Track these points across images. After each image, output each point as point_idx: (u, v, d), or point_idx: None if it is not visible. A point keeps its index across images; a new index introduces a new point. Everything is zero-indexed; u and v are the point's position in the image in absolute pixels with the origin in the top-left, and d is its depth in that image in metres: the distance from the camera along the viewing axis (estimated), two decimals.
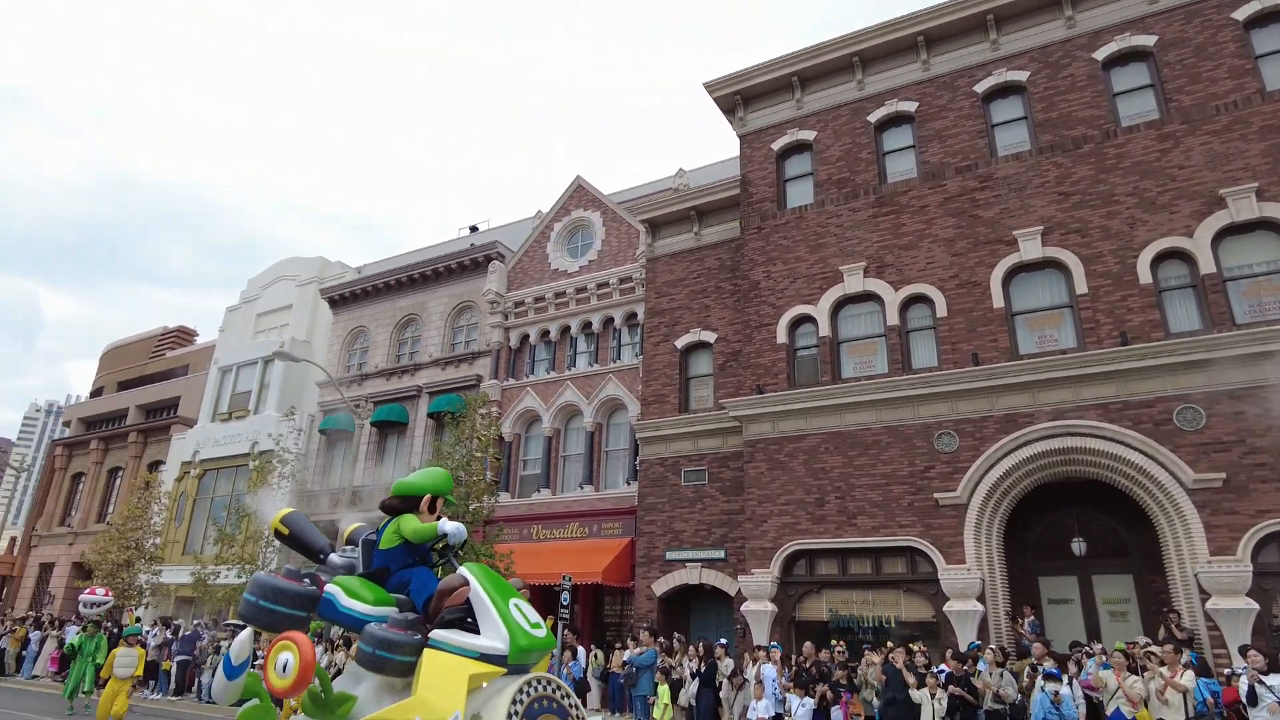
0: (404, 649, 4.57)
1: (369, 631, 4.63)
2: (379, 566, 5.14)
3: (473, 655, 4.55)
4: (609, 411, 22.34)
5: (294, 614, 4.75)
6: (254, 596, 4.74)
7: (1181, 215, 14.75)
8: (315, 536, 5.46)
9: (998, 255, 16.12)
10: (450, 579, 4.77)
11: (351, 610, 4.87)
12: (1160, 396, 13.90)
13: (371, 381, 27.70)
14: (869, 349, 17.17)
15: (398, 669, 4.60)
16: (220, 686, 4.77)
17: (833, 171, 18.79)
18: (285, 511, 5.49)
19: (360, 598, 4.90)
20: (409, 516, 5.08)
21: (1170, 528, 13.37)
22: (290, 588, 4.77)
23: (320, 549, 5.40)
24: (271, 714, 4.90)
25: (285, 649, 4.42)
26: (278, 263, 34.51)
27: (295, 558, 25.20)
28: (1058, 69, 16.83)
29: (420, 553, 5.22)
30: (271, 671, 4.41)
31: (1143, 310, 14.53)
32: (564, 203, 25.46)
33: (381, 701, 4.71)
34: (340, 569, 5.28)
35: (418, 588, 4.98)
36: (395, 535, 5.09)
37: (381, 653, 4.54)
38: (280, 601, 4.72)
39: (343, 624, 4.94)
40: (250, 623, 4.81)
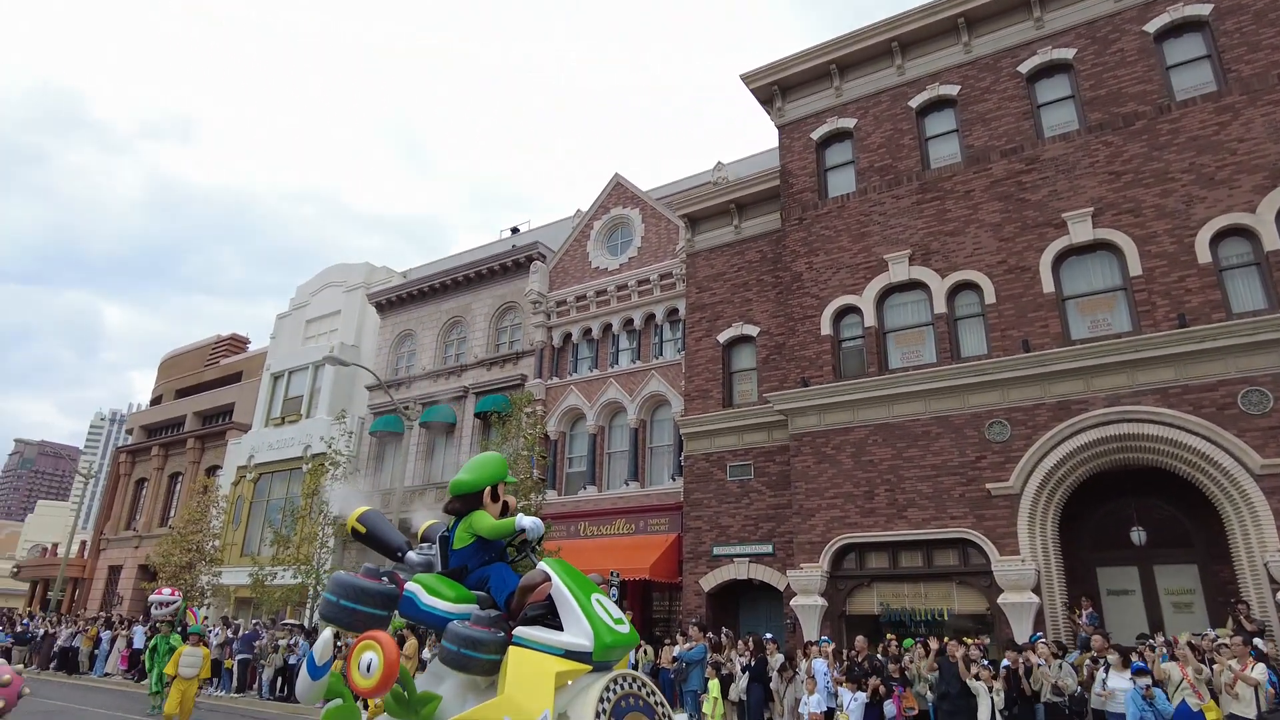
0: (489, 647, 4.47)
1: (453, 630, 4.52)
2: (457, 565, 5.06)
3: (557, 652, 4.44)
4: (652, 408, 22.35)
5: (375, 613, 4.68)
6: (335, 596, 4.68)
7: (1242, 190, 14.20)
8: (393, 534, 5.35)
9: (1046, 239, 15.70)
10: (532, 575, 4.66)
11: (433, 608, 4.76)
12: (1223, 379, 13.40)
13: (419, 383, 28.12)
14: (916, 338, 16.88)
15: (483, 668, 4.49)
16: (304, 686, 4.71)
17: (874, 159, 18.51)
18: (362, 510, 5.40)
19: (442, 595, 4.80)
20: (479, 514, 4.96)
21: (1237, 515, 12.89)
22: (371, 586, 4.70)
23: (398, 547, 5.32)
24: (356, 713, 4.84)
25: (369, 648, 4.36)
26: (325, 269, 35.23)
27: (351, 558, 25.71)
28: (1106, 44, 16.32)
29: (496, 548, 5.11)
30: (355, 671, 4.37)
31: (1202, 290, 14.02)
32: (603, 201, 25.53)
33: (466, 701, 4.62)
34: (418, 566, 5.20)
35: (497, 584, 4.89)
36: (468, 534, 5.00)
37: (466, 651, 4.44)
38: (361, 600, 4.65)
39: (424, 623, 4.83)
40: (331, 622, 4.74)
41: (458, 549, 5.06)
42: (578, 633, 4.50)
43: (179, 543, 28.05)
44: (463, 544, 5.03)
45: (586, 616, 4.54)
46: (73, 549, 42.95)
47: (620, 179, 25.46)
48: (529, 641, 4.48)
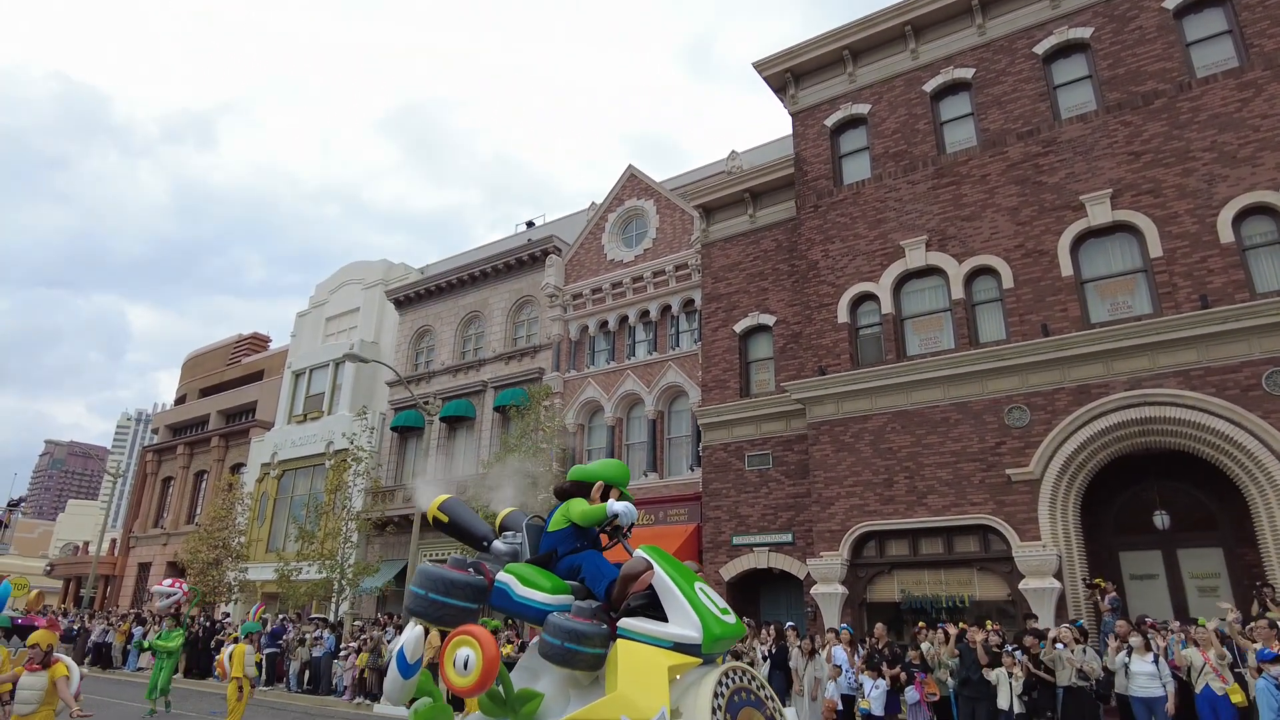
0: (594, 640, 4.22)
1: (554, 623, 4.26)
2: (547, 550, 4.91)
3: (666, 645, 4.19)
4: (670, 399, 22.38)
5: (466, 607, 4.43)
6: (423, 590, 4.44)
7: (1266, 168, 13.96)
8: (477, 522, 5.15)
9: (1065, 222, 15.54)
10: (634, 563, 4.44)
11: (529, 600, 4.52)
12: (1247, 360, 13.23)
13: (438, 379, 28.32)
14: (934, 324, 16.77)
15: (587, 662, 4.21)
16: (395, 685, 4.49)
17: (889, 144, 18.38)
18: (443, 498, 5.18)
19: (537, 586, 4.56)
20: (578, 500, 4.86)
21: (1263, 497, 12.73)
22: (461, 579, 4.45)
23: (483, 536, 5.10)
24: (448, 713, 4.64)
25: (464, 644, 4.13)
26: (343, 267, 35.53)
27: (375, 553, 25.95)
28: (1124, 22, 16.09)
29: (589, 537, 4.96)
30: (450, 669, 4.13)
31: (1224, 271, 13.83)
32: (617, 192, 25.53)
33: (568, 699, 4.37)
34: (505, 556, 5.00)
35: (592, 573, 4.68)
36: (564, 518, 4.87)
37: (571, 645, 4.17)
38: (451, 594, 4.40)
39: (519, 615, 4.59)
40: (420, 618, 4.51)
41: (552, 531, 4.94)
42: (685, 624, 4.26)
43: (206, 539, 28.49)
44: (558, 526, 4.91)
45: (693, 607, 4.31)
46: (103, 547, 43.74)
47: (634, 170, 25.45)
48: (636, 634, 4.24)
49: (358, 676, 18.84)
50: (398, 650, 4.52)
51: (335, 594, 23.78)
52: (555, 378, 24.31)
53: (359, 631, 20.24)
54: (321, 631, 20.85)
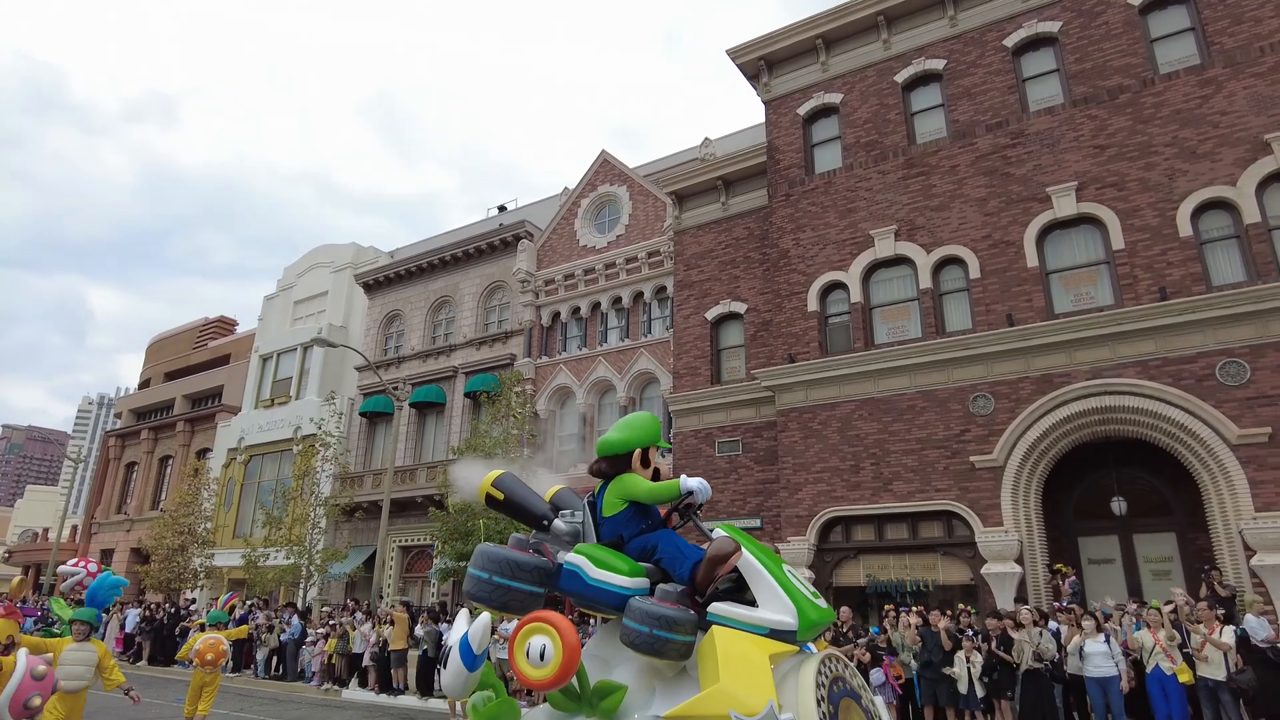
0: (685, 627, 3.84)
1: (641, 608, 3.86)
2: (611, 536, 4.46)
3: (762, 632, 3.87)
4: (641, 385, 22.44)
5: (533, 591, 4.08)
6: (486, 573, 4.05)
7: (1224, 164, 14.30)
8: (536, 500, 4.68)
9: (1031, 213, 15.79)
10: (723, 543, 4.05)
11: (606, 583, 4.11)
12: (1202, 352, 13.58)
13: (408, 364, 28.11)
14: (902, 313, 16.99)
15: (678, 651, 3.83)
16: (456, 678, 4.10)
17: (860, 134, 18.51)
18: (496, 473, 4.69)
19: (614, 568, 4.15)
20: (630, 476, 4.39)
21: (1214, 484, 13.12)
22: (529, 560, 4.09)
23: (543, 514, 4.62)
24: (514, 707, 4.25)
25: (539, 632, 3.76)
26: (312, 250, 35.05)
27: (344, 539, 25.78)
28: (1091, 17, 16.32)
29: (654, 515, 4.54)
30: (522, 660, 3.77)
31: (1183, 264, 14.16)
32: (590, 178, 25.44)
33: (651, 690, 3.99)
34: (566, 536, 4.55)
35: (671, 554, 4.27)
36: (619, 500, 4.42)
37: (661, 633, 3.78)
38: (518, 577, 4.04)
39: (593, 601, 4.20)
40: (482, 603, 4.13)
41: (609, 516, 4.47)
42: (779, 608, 3.95)
43: (170, 526, 28.11)
44: (614, 510, 4.46)
45: (786, 590, 4.00)
46: (64, 534, 42.91)
47: (607, 156, 25.37)
48: (729, 620, 3.92)
49: (326, 662, 18.77)
50: (461, 640, 4.13)
51: (303, 580, 23.62)
52: (527, 364, 24.26)
53: (327, 618, 20.14)
54: (290, 616, 20.71)
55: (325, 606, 22.90)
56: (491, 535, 17.37)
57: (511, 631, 3.91)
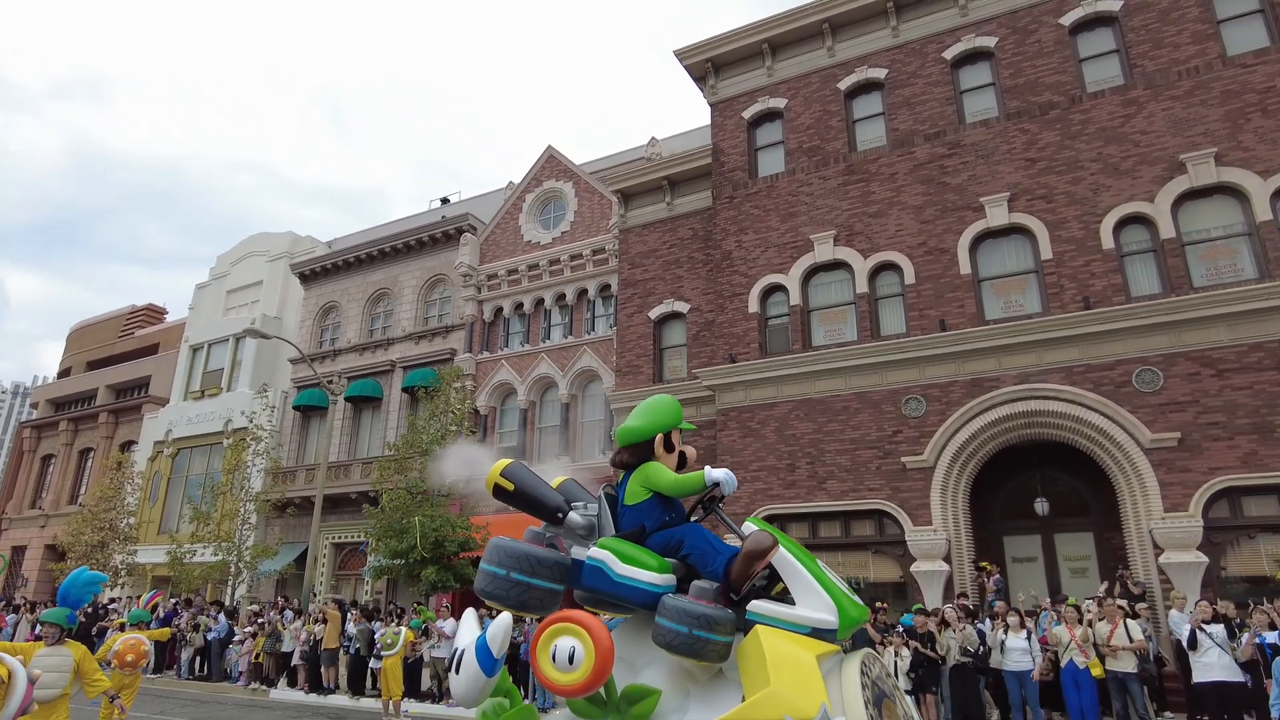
0: (725, 627, 3.61)
1: (678, 606, 3.63)
2: (631, 526, 4.22)
3: (804, 631, 3.67)
4: (584, 383, 22.41)
5: (554, 588, 3.85)
6: (503, 569, 3.80)
7: (1144, 181, 14.96)
8: (549, 492, 4.37)
9: (965, 222, 16.27)
10: (760, 538, 3.83)
11: (634, 580, 3.84)
12: (1120, 359, 14.20)
13: (344, 357, 27.53)
14: (839, 317, 17.33)
15: (718, 652, 3.62)
16: (473, 684, 3.77)
17: (803, 140, 18.81)
18: (505, 463, 4.36)
19: (642, 564, 3.90)
20: (655, 465, 4.18)
21: (1128, 486, 13.73)
22: (549, 556, 3.87)
23: (557, 507, 4.30)
24: (532, 714, 4.00)
25: (567, 633, 3.51)
26: (248, 238, 34.03)
27: (274, 534, 25.09)
28: (1026, 34, 16.89)
29: (677, 508, 4.32)
30: (547, 664, 3.51)
31: (1105, 275, 14.77)
32: (535, 173, 25.29)
33: (685, 694, 3.76)
34: (582, 530, 4.28)
35: (701, 549, 4.04)
36: (642, 489, 4.18)
37: (701, 633, 3.54)
38: (538, 574, 3.80)
39: (618, 598, 3.92)
40: (498, 601, 3.86)
41: (631, 505, 4.24)
42: (819, 606, 3.76)
43: (90, 521, 26.98)
44: (636, 500, 4.22)
45: (824, 587, 3.82)
46: None
47: (554, 151, 25.25)
48: (770, 619, 3.70)
49: (253, 662, 18.28)
50: (478, 642, 3.80)
51: (232, 577, 22.95)
52: (467, 359, 23.99)
53: (256, 616, 19.61)
54: (217, 614, 20.10)
55: (254, 605, 22.29)
56: (426, 533, 17.17)
57: (535, 633, 3.62)
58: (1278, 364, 13.11)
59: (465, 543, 17.96)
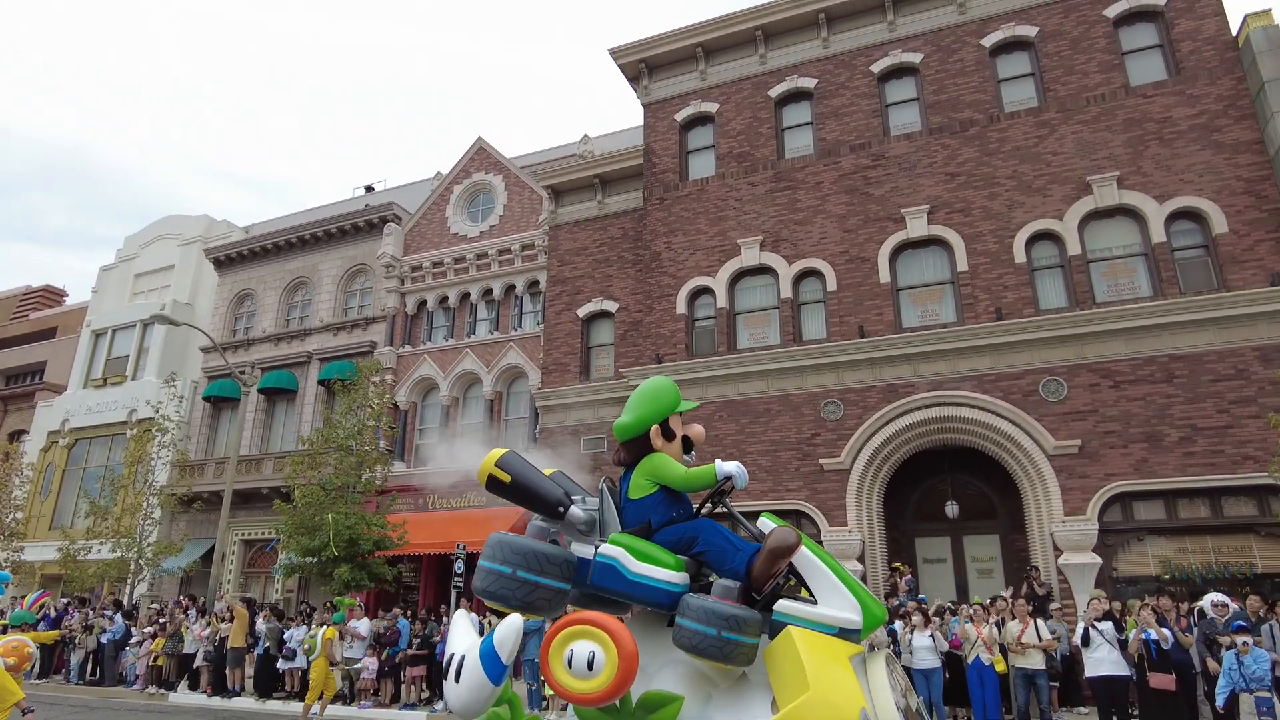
0: (754, 629, 3.46)
1: (705, 607, 3.44)
2: (637, 521, 4.02)
3: (831, 631, 3.57)
4: (509, 380, 22.14)
5: (562, 587, 3.64)
6: (509, 566, 3.57)
7: (1054, 199, 15.65)
8: (549, 484, 4.07)
9: (886, 232, 16.72)
10: (784, 534, 3.69)
11: (651, 579, 3.64)
12: (1029, 369, 14.82)
13: (259, 347, 26.53)
14: (763, 320, 17.59)
15: (746, 655, 3.45)
16: (477, 693, 3.46)
17: (733, 145, 19.01)
18: (499, 452, 4.08)
19: (659, 562, 3.70)
20: (661, 457, 4.00)
21: (1032, 491, 14.35)
22: (557, 553, 3.66)
23: (558, 501, 4.02)
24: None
25: (586, 637, 3.30)
26: (159, 220, 32.42)
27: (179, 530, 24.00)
28: (949, 53, 17.45)
29: (684, 502, 4.14)
30: (561, 670, 3.30)
31: (1017, 288, 15.40)
32: (464, 164, 24.86)
33: (707, 699, 3.57)
34: (582, 525, 4.04)
35: (719, 547, 3.86)
36: (647, 482, 4.01)
37: (731, 635, 3.36)
38: (546, 572, 3.58)
39: (633, 598, 3.70)
40: (501, 601, 3.60)
41: (636, 499, 4.04)
42: (844, 605, 3.65)
43: None
44: (642, 494, 4.03)
45: (847, 585, 3.72)
46: None
47: (484, 143, 24.87)
48: (798, 619, 3.56)
49: (151, 664, 17.44)
50: (483, 647, 3.50)
51: (131, 575, 21.84)
52: (388, 352, 23.42)
53: (157, 615, 18.71)
54: (114, 614, 19.09)
55: (155, 604, 21.27)
56: (340, 531, 16.68)
57: (545, 636, 3.41)
58: (1168, 377, 13.91)
59: (380, 541, 17.52)
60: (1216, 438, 13.39)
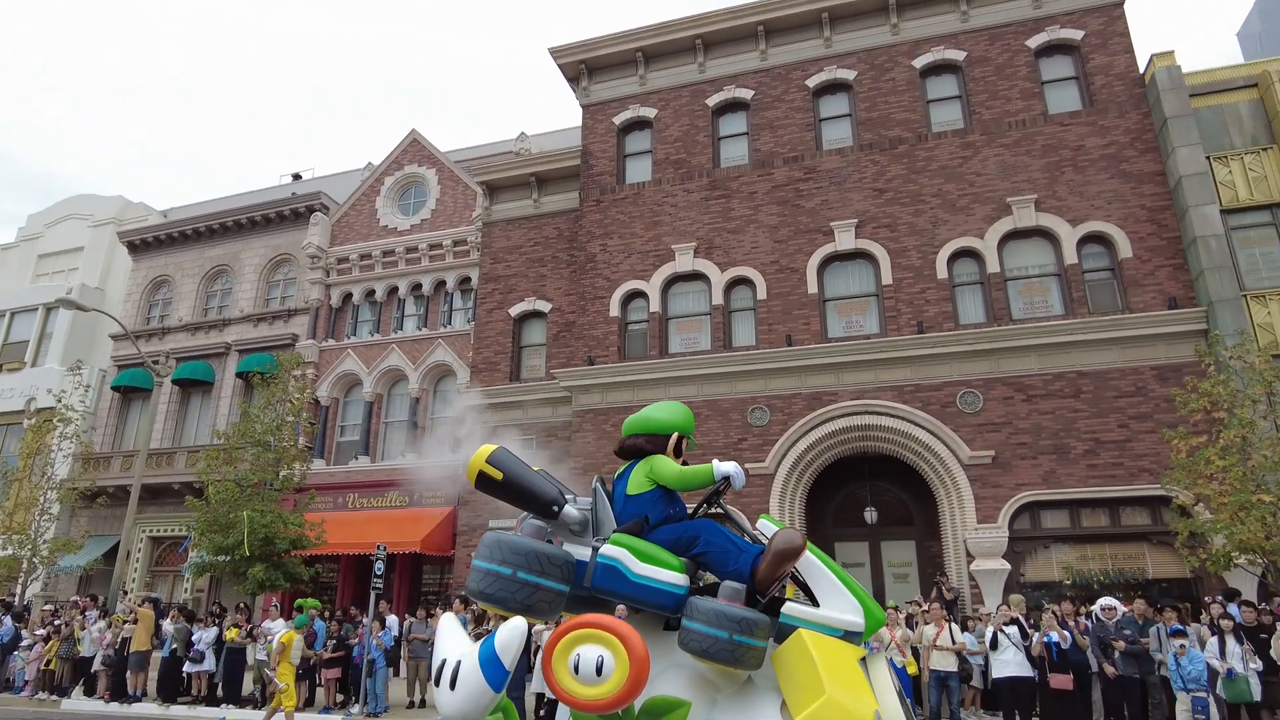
0: (764, 631, 3.39)
1: (715, 609, 3.36)
2: (633, 517, 3.95)
3: (836, 634, 3.54)
4: (436, 378, 21.79)
5: (562, 589, 3.50)
6: (509, 567, 3.42)
7: (976, 218, 16.27)
8: (543, 482, 3.93)
9: (815, 244, 17.10)
10: (790, 536, 3.61)
11: (656, 581, 3.56)
12: (947, 381, 15.36)
13: (175, 336, 25.45)
14: (695, 326, 17.77)
15: (757, 659, 3.39)
16: (476, 701, 3.25)
17: (671, 151, 19.16)
18: (491, 448, 3.90)
19: (663, 563, 3.62)
20: (663, 458, 3.99)
21: (948, 499, 14.87)
22: (557, 553, 3.52)
23: (553, 500, 3.89)
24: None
25: (591, 641, 3.17)
26: (68, 199, 30.75)
27: (79, 527, 22.77)
28: (882, 71, 17.96)
29: (678, 504, 4.10)
30: (565, 675, 3.17)
31: (938, 302, 15.94)
32: (397, 156, 24.37)
33: (712, 704, 3.47)
34: (576, 525, 3.93)
35: (722, 548, 3.80)
36: (647, 479, 3.97)
37: (742, 638, 3.28)
38: (547, 573, 3.43)
39: (636, 600, 3.61)
40: (499, 604, 3.45)
41: (634, 495, 4.00)
42: (846, 608, 3.64)
43: None
44: (640, 490, 3.99)
45: (849, 588, 3.71)
46: None
47: (418, 135, 24.43)
48: (805, 622, 3.53)
49: (44, 668, 16.50)
50: (483, 651, 3.30)
51: (24, 574, 20.65)
52: (310, 346, 22.76)
53: (51, 616, 17.72)
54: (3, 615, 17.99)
55: (48, 605, 20.15)
56: (256, 529, 16.14)
57: (548, 640, 3.29)
58: (1075, 392, 14.62)
59: (297, 540, 17.01)
60: (1117, 451, 14.13)
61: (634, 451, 4.14)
